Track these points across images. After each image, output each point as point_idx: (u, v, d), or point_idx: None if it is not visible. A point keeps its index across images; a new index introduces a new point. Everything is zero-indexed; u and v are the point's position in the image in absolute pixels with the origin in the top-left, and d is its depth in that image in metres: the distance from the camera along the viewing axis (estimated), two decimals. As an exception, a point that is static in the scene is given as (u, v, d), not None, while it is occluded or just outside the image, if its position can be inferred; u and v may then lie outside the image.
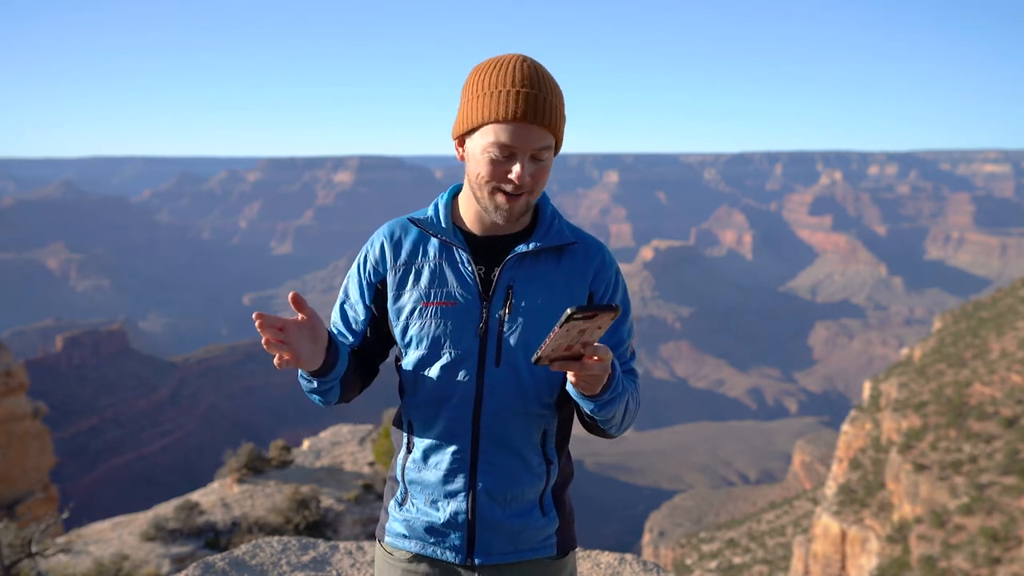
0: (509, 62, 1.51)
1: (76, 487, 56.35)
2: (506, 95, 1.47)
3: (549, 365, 1.37)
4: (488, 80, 1.50)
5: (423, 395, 1.63)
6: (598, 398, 1.47)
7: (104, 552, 9.91)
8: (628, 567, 3.73)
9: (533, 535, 1.66)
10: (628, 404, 1.58)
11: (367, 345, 1.71)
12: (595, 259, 1.66)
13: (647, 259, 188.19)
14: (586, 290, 1.64)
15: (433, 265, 1.62)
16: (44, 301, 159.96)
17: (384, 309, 1.68)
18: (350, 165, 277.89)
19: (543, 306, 1.59)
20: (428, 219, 1.65)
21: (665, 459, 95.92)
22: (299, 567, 3.95)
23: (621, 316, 1.66)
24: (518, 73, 1.49)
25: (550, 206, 1.69)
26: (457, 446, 1.61)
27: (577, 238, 1.67)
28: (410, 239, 1.66)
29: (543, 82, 1.50)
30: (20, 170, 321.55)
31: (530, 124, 1.47)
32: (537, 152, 1.50)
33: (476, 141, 1.52)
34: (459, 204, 1.67)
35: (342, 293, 1.73)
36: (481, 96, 1.50)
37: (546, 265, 1.62)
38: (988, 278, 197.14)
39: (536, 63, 1.53)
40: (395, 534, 1.70)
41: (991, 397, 38.79)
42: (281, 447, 13.56)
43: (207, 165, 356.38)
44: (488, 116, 1.48)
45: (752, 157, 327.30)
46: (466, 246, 1.61)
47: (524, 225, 1.65)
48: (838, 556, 38.35)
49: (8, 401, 21.54)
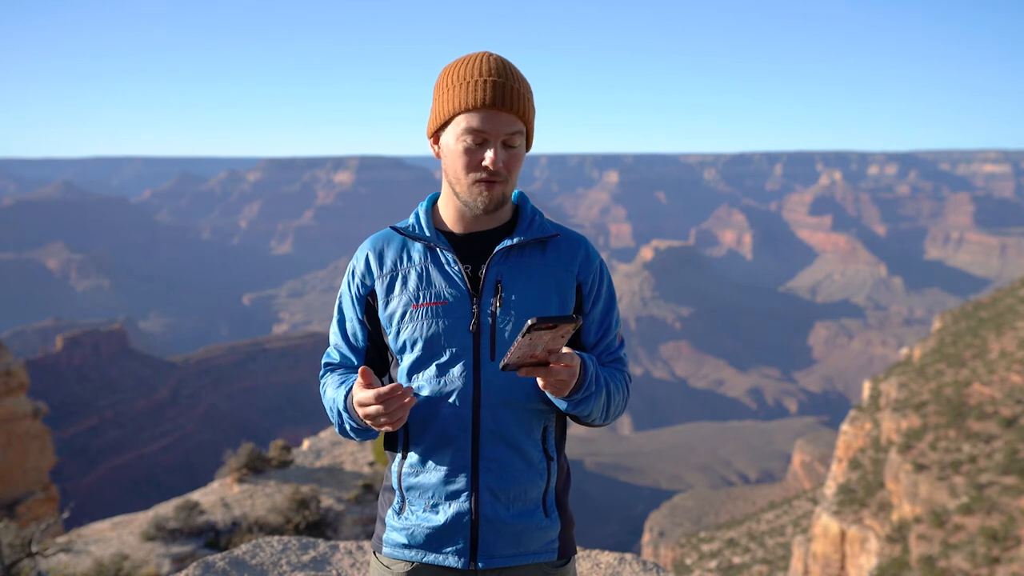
0: (475, 57, 1.58)
1: (76, 487, 56.33)
2: (474, 84, 1.53)
3: (516, 371, 1.42)
4: (456, 74, 1.57)
5: (421, 396, 1.63)
6: (569, 398, 1.52)
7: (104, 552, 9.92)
8: (628, 567, 3.74)
9: (536, 537, 1.65)
10: (610, 397, 1.61)
11: (371, 362, 1.72)
12: (579, 251, 1.70)
13: (647, 259, 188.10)
14: (573, 281, 1.67)
15: (419, 269, 1.65)
16: (44, 301, 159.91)
17: (376, 322, 1.69)
18: (350, 165, 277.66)
19: (533, 298, 1.62)
20: (410, 226, 1.69)
21: (665, 459, 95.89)
22: (299, 567, 3.96)
23: (608, 306, 1.72)
24: (484, 65, 1.56)
25: (530, 203, 1.74)
26: (457, 444, 1.60)
27: (559, 231, 1.71)
28: (394, 247, 1.69)
29: (509, 73, 1.57)
30: (20, 170, 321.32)
31: (499, 110, 1.53)
32: (508, 138, 1.56)
33: (449, 133, 1.58)
34: (439, 208, 1.71)
35: (337, 312, 1.75)
36: (451, 89, 1.56)
37: (532, 258, 1.66)
38: (988, 278, 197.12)
39: (502, 57, 1.60)
40: (394, 544, 1.68)
41: (991, 397, 38.81)
42: (281, 447, 13.57)
43: (207, 165, 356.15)
44: (459, 106, 1.54)
45: (752, 157, 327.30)
46: (450, 246, 1.64)
47: (504, 220, 1.69)
48: (838, 556, 38.35)
49: (8, 401, 21.55)
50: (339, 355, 1.73)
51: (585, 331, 1.71)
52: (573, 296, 1.67)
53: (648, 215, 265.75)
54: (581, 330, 1.70)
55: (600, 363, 1.70)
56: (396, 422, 1.46)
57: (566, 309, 1.66)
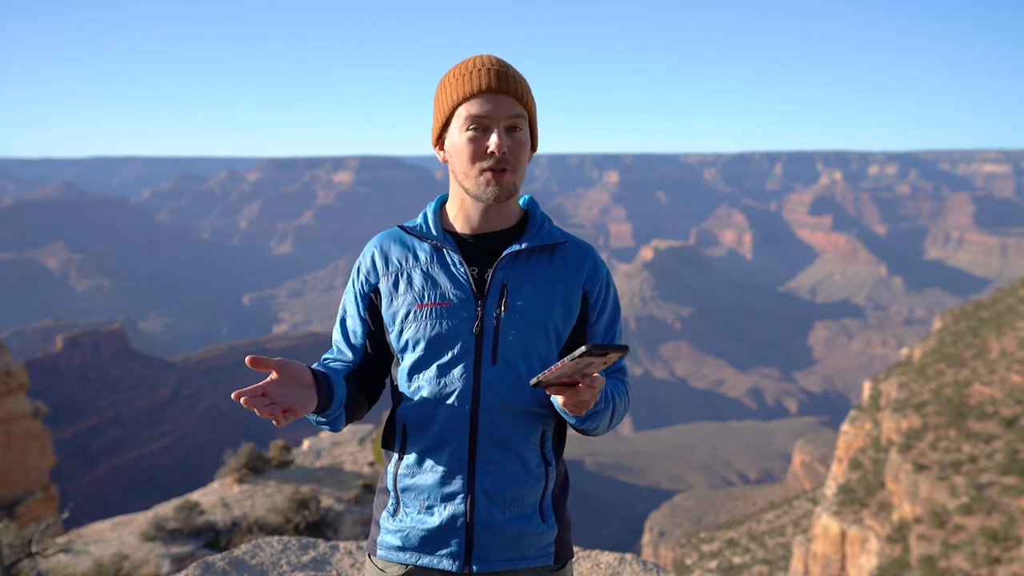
0: (472, 58, 1.60)
1: (76, 487, 56.31)
2: (471, 75, 1.55)
3: (545, 388, 1.42)
4: (453, 74, 1.59)
5: (420, 396, 1.62)
6: (580, 416, 1.54)
7: (104, 552, 9.91)
8: (628, 567, 3.73)
9: (532, 542, 1.63)
10: (615, 411, 1.62)
11: (368, 359, 1.71)
12: (587, 260, 1.68)
13: (647, 259, 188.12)
14: (579, 290, 1.66)
15: (425, 268, 1.63)
16: (44, 301, 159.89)
17: (378, 319, 1.68)
18: (350, 165, 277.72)
19: (538, 304, 1.61)
20: (417, 226, 1.68)
21: (665, 459, 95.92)
22: (299, 567, 3.96)
23: (613, 316, 1.71)
24: (480, 60, 1.58)
25: (539, 209, 1.72)
26: (454, 446, 1.59)
27: (567, 238, 1.70)
28: (400, 246, 1.68)
29: (506, 64, 1.59)
30: (20, 170, 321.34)
31: (498, 93, 1.54)
32: (511, 122, 1.55)
33: (453, 129, 1.58)
34: (447, 210, 1.70)
35: (341, 309, 1.74)
36: (448, 87, 1.58)
37: (539, 264, 1.64)
38: (988, 278, 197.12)
39: (499, 57, 1.62)
40: (388, 547, 1.66)
41: (991, 397, 38.80)
42: (281, 447, 13.56)
43: (207, 165, 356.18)
44: (458, 98, 1.55)
45: (752, 157, 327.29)
46: (457, 248, 1.63)
47: (513, 223, 1.68)
48: (838, 556, 38.34)
49: (8, 401, 21.55)
50: (336, 350, 1.73)
51: (590, 342, 1.70)
52: (578, 305, 1.66)
53: (648, 215, 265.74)
54: (586, 341, 1.70)
55: (604, 374, 1.70)
56: (276, 410, 1.40)
57: (570, 318, 1.65)
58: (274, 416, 1.39)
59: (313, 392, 1.49)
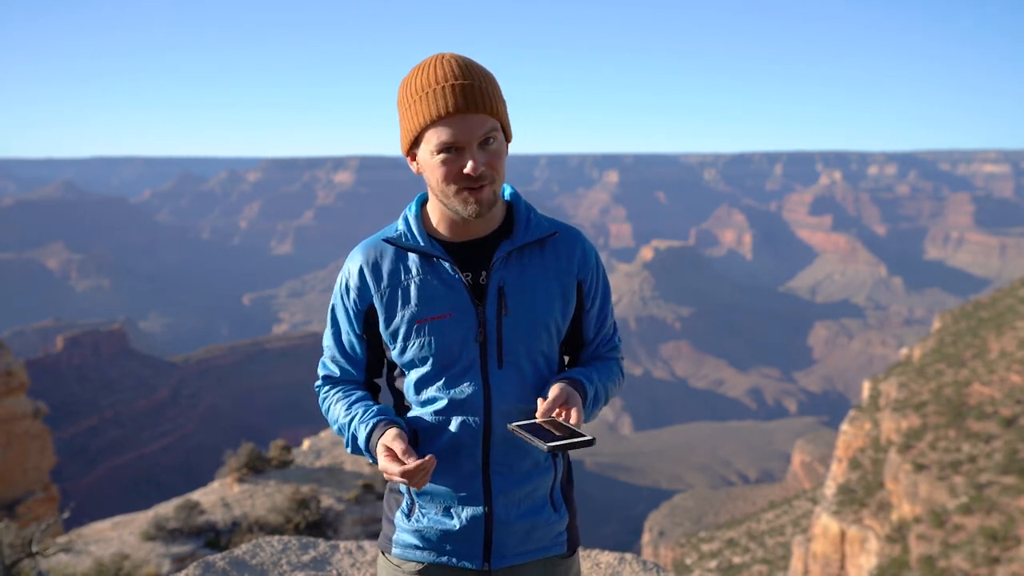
0: (430, 63, 1.50)
1: (76, 487, 56.30)
2: (434, 93, 1.45)
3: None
4: (415, 86, 1.49)
5: (431, 409, 1.61)
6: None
7: (104, 552, 9.92)
8: (628, 567, 3.74)
9: (545, 532, 1.66)
10: (608, 397, 1.69)
11: (371, 372, 1.72)
12: (576, 249, 1.67)
13: (647, 259, 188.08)
14: (574, 281, 1.65)
15: (419, 281, 1.58)
16: (44, 301, 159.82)
17: (375, 335, 1.65)
18: (350, 165, 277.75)
19: (537, 302, 1.61)
20: (401, 235, 1.61)
21: (665, 459, 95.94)
22: (299, 567, 3.97)
23: (604, 299, 1.73)
24: (440, 70, 1.47)
25: (522, 200, 1.68)
26: (469, 450, 1.59)
27: (555, 227, 1.67)
28: (388, 259, 1.61)
29: (469, 71, 1.47)
30: (20, 170, 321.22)
31: (466, 113, 1.45)
32: (484, 137, 1.48)
33: (424, 149, 1.51)
34: (429, 213, 1.64)
35: (331, 324, 1.69)
36: (413, 103, 1.48)
37: (532, 260, 1.62)
38: (988, 278, 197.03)
39: (458, 56, 1.51)
40: (405, 545, 1.67)
41: (990, 397, 38.80)
42: (281, 447, 13.56)
43: (207, 165, 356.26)
44: (425, 119, 1.46)
45: (752, 157, 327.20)
46: (447, 255, 1.58)
47: (498, 223, 1.64)
48: (837, 556, 38.35)
49: (8, 401, 21.56)
50: (339, 369, 1.70)
51: (585, 328, 1.72)
52: (575, 296, 1.66)
53: (648, 215, 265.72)
54: (581, 327, 1.72)
55: (598, 355, 1.74)
56: (415, 485, 1.43)
57: (568, 310, 1.65)
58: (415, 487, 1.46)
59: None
